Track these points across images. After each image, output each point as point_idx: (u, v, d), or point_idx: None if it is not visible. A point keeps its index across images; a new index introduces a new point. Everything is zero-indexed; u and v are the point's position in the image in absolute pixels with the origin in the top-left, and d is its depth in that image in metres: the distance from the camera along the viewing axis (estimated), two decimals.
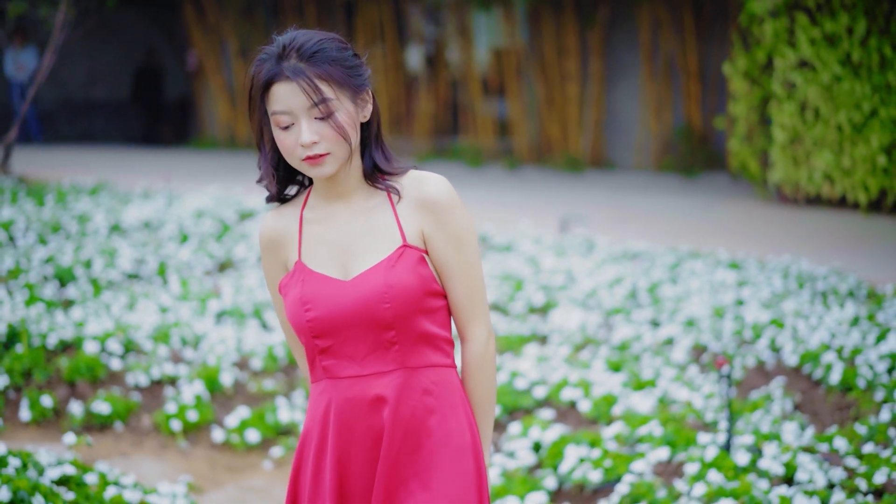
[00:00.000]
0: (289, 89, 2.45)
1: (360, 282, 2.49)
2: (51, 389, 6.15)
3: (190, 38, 20.91)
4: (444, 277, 2.54)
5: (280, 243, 2.61)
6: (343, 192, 2.57)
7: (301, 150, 2.46)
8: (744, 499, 4.07)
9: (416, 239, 2.52)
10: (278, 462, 5.57)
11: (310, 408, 2.59)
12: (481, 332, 2.58)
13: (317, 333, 2.50)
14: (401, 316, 2.47)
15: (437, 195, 2.52)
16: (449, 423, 2.52)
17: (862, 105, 11.27)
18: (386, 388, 2.49)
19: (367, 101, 2.54)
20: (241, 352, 6.60)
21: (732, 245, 9.62)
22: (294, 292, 2.53)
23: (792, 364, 6.07)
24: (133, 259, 8.69)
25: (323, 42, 2.47)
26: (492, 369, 2.60)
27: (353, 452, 2.51)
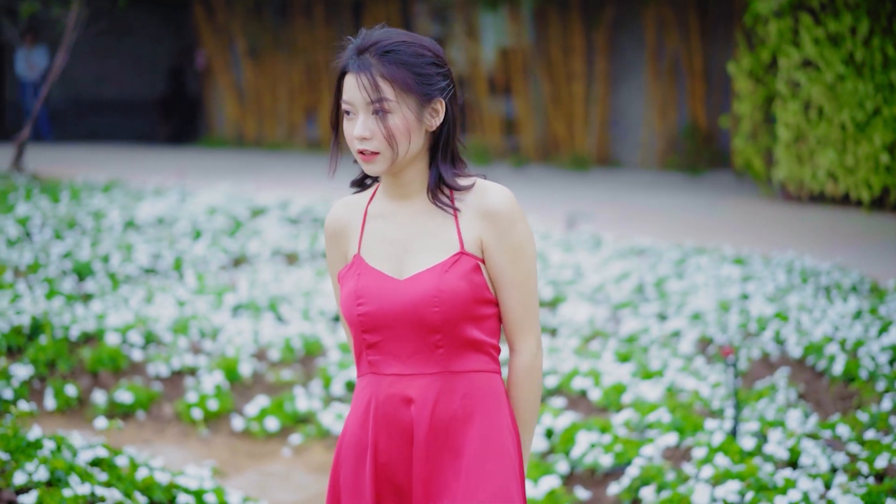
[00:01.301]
0: (354, 82, 2.48)
1: (412, 283, 2.52)
2: (74, 379, 6.32)
3: (199, 38, 21.08)
4: (499, 287, 2.56)
5: (343, 234, 2.65)
6: (407, 193, 2.59)
7: (355, 142, 2.51)
8: (750, 481, 4.23)
9: (473, 247, 2.54)
10: (297, 449, 5.74)
11: (354, 400, 2.63)
12: (531, 343, 2.59)
13: (366, 328, 2.54)
14: (448, 320, 2.50)
15: (499, 206, 2.53)
16: (490, 426, 2.53)
17: (865, 104, 11.42)
18: (425, 390, 2.52)
19: (438, 112, 2.53)
20: (259, 343, 6.76)
21: (737, 241, 9.78)
22: (349, 285, 2.57)
23: (796, 356, 6.22)
24: (149, 254, 8.86)
25: (401, 44, 2.49)
26: (538, 381, 2.61)
27: (393, 449, 2.54)
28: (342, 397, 6.17)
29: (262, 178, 14.60)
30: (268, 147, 20.18)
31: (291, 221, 10.67)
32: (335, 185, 13.97)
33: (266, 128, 20.52)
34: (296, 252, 9.27)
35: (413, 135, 2.50)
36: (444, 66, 2.54)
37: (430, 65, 2.51)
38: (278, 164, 17.30)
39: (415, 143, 2.51)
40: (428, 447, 2.51)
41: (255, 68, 20.46)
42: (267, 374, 6.46)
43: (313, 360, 6.62)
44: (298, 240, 9.58)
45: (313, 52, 19.88)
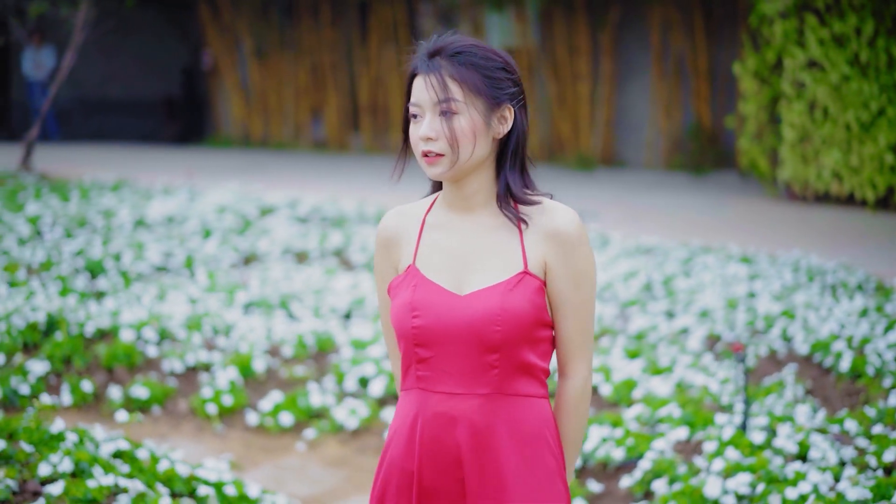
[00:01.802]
0: (422, 83, 2.46)
1: (474, 299, 2.45)
2: (90, 375, 6.40)
3: (205, 38, 21.17)
4: (557, 310, 2.50)
5: (396, 243, 2.58)
6: (470, 205, 2.53)
7: (420, 144, 2.47)
8: (760, 473, 4.30)
9: (537, 268, 2.48)
10: (311, 444, 5.82)
11: (397, 415, 2.56)
12: (583, 369, 2.54)
13: (420, 342, 2.47)
14: (508, 341, 2.43)
15: (566, 228, 2.47)
16: (537, 451, 2.48)
17: (870, 104, 11.49)
18: (474, 411, 2.45)
19: (507, 119, 2.48)
20: (272, 340, 6.84)
21: (743, 241, 9.85)
22: (404, 296, 2.50)
23: (803, 353, 6.30)
24: (161, 252, 8.94)
25: (472, 47, 2.46)
26: (587, 407, 2.56)
27: (438, 473, 2.48)
28: (355, 393, 6.25)
29: (269, 178, 14.68)
30: (274, 147, 20.27)
31: (300, 220, 10.74)
32: (344, 186, 14.06)
33: (272, 128, 20.60)
34: (306, 251, 9.34)
35: (479, 139, 2.45)
36: (514, 73, 2.49)
37: (500, 69, 2.47)
38: (285, 164, 17.38)
39: (480, 149, 2.46)
40: (476, 470, 2.46)
41: (262, 68, 20.54)
42: (280, 370, 6.54)
43: (326, 357, 6.70)
44: (308, 238, 9.66)
45: (319, 53, 19.96)
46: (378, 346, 6.62)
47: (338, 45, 19.85)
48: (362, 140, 19.70)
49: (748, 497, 4.25)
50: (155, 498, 4.05)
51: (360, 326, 7.09)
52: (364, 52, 19.49)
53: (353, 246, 9.40)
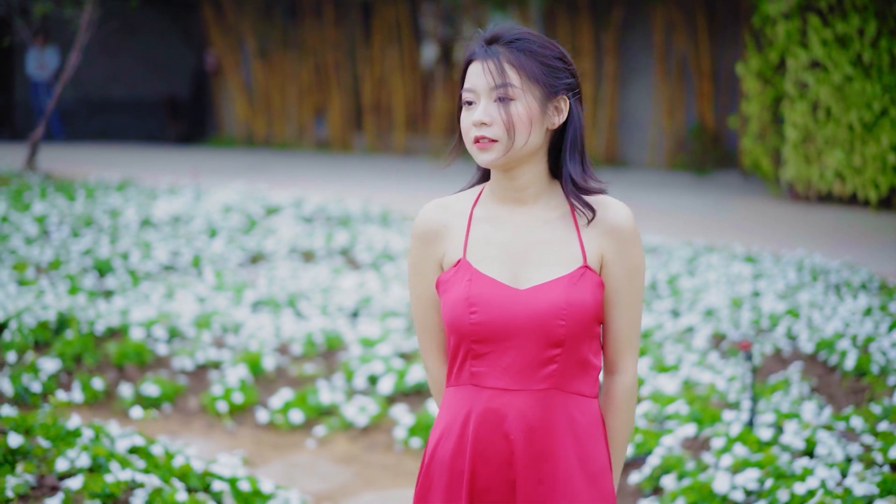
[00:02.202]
0: (478, 68, 2.42)
1: (537, 293, 2.42)
2: (101, 373, 6.45)
3: (208, 38, 21.22)
4: (610, 306, 2.48)
5: (438, 236, 2.52)
6: (523, 198, 2.49)
7: (473, 129, 2.42)
8: (768, 469, 4.36)
9: (594, 262, 2.46)
10: (321, 441, 5.87)
11: (445, 411, 2.50)
12: (633, 365, 2.51)
13: (478, 338, 2.42)
14: (571, 336, 2.41)
15: (623, 223, 2.46)
16: (589, 451, 2.45)
17: (872, 105, 11.55)
18: (528, 407, 2.42)
19: (562, 111, 2.46)
20: (280, 338, 6.89)
21: (747, 240, 9.91)
22: (458, 291, 2.44)
23: (808, 351, 6.35)
24: (168, 251, 9.00)
25: (529, 35, 2.44)
26: (635, 404, 2.54)
27: (489, 467, 2.44)
28: (364, 390, 6.30)
29: (273, 178, 14.73)
30: (277, 146, 20.32)
31: (305, 220, 10.80)
32: (347, 186, 14.11)
33: (275, 127, 20.65)
34: (312, 250, 9.40)
35: (534, 127, 2.42)
36: (570, 64, 2.48)
37: (557, 59, 2.45)
38: (288, 164, 17.44)
39: (534, 137, 2.43)
40: (527, 472, 2.43)
41: (265, 68, 20.59)
42: (290, 367, 6.59)
43: (335, 355, 6.75)
44: (314, 238, 9.71)
45: (323, 52, 20.01)
46: (386, 345, 6.68)
47: (341, 44, 19.91)
48: (365, 140, 19.75)
49: (756, 492, 4.31)
50: (171, 493, 4.10)
51: (368, 325, 7.14)
52: (367, 51, 19.55)
53: (359, 245, 9.46)
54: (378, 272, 8.72)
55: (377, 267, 8.95)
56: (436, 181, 15.40)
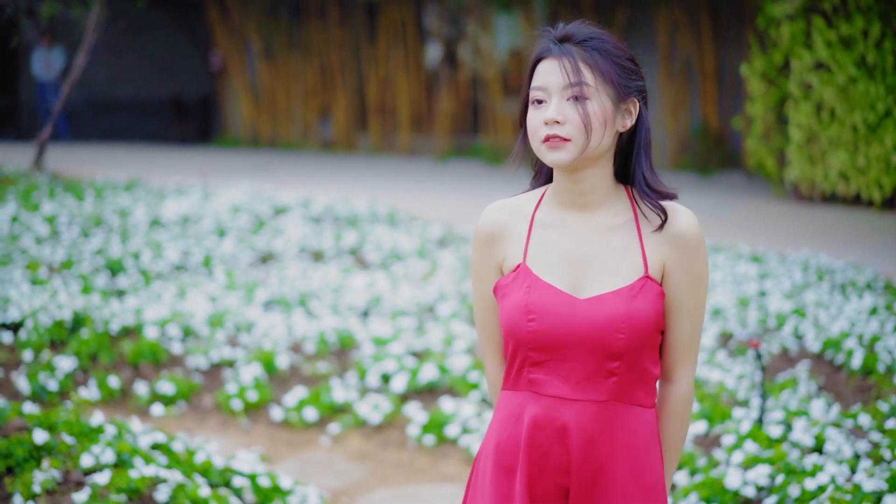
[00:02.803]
0: (551, 66, 2.38)
1: (596, 303, 2.37)
2: (116, 371, 6.54)
3: (214, 39, 21.31)
4: (670, 314, 2.42)
5: (499, 239, 2.49)
6: (586, 203, 2.44)
7: (543, 128, 2.36)
8: (779, 465, 4.44)
9: (656, 271, 2.41)
10: (336, 438, 5.95)
11: (500, 417, 2.48)
12: (690, 374, 2.47)
13: (535, 345, 2.39)
14: (631, 348, 2.36)
15: (688, 231, 2.41)
16: (645, 464, 2.42)
17: (876, 105, 11.63)
18: (587, 418, 2.38)
19: (632, 113, 2.41)
20: (293, 337, 6.97)
21: (752, 240, 9.98)
22: (516, 297, 2.41)
23: (815, 350, 6.42)
24: (179, 251, 9.08)
25: (602, 35, 2.40)
26: (690, 413, 2.51)
27: (546, 477, 2.41)
28: (377, 388, 6.38)
29: (279, 178, 14.81)
30: (282, 147, 20.41)
31: (313, 220, 10.87)
32: (353, 186, 14.19)
33: (280, 128, 20.74)
34: (321, 250, 9.48)
35: (607, 128, 2.37)
36: (639, 67, 2.43)
37: (629, 60, 2.41)
38: (294, 164, 17.52)
39: (606, 139, 2.38)
40: (582, 482, 2.40)
41: (270, 69, 20.68)
42: (303, 366, 6.67)
43: (347, 353, 6.83)
44: (322, 237, 9.79)
45: (327, 53, 20.09)
46: (398, 344, 6.75)
47: (346, 45, 19.99)
48: (370, 140, 19.83)
49: (768, 488, 4.39)
50: (194, 488, 4.18)
51: (380, 324, 7.22)
52: (372, 52, 19.63)
53: (367, 245, 9.53)
54: (387, 272, 8.80)
55: (386, 267, 9.03)
56: (444, 182, 15.48)
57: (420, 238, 9.88)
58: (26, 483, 4.01)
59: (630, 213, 2.45)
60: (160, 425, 5.90)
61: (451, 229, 10.34)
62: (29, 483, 4.01)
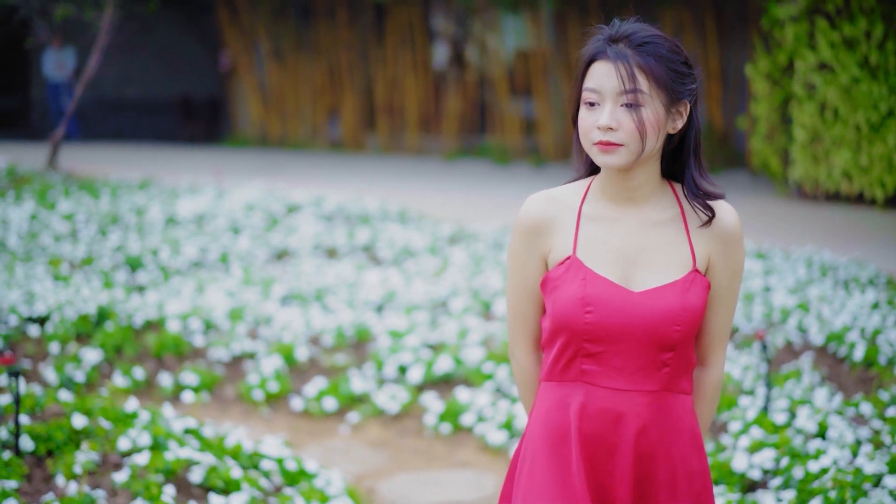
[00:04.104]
0: (606, 69, 2.39)
1: (652, 297, 2.44)
2: (140, 363, 6.75)
3: (223, 39, 21.52)
4: (711, 304, 2.51)
5: (546, 230, 2.51)
6: (635, 198, 2.49)
7: (596, 132, 2.40)
8: (783, 449, 4.64)
9: (703, 265, 2.49)
10: (355, 427, 6.15)
11: (546, 408, 2.52)
12: (722, 359, 2.58)
13: (591, 337, 2.43)
14: (684, 340, 2.44)
15: (731, 226, 2.49)
16: (694, 448, 2.51)
17: (879, 106, 11.82)
18: (642, 408, 2.45)
19: (682, 115, 2.45)
20: (311, 330, 7.18)
21: (757, 238, 10.17)
22: (571, 289, 2.44)
23: (818, 343, 6.62)
24: (197, 248, 9.29)
25: (658, 38, 2.42)
26: (719, 395, 2.64)
27: (598, 465, 2.47)
28: (394, 379, 6.58)
29: (289, 177, 15.01)
30: (291, 147, 20.62)
31: (326, 218, 11.08)
32: (362, 185, 14.39)
33: (289, 128, 20.95)
34: (335, 247, 9.69)
35: (660, 132, 2.42)
36: (694, 68, 2.46)
37: (684, 64, 2.44)
38: (303, 164, 17.73)
39: (658, 143, 2.43)
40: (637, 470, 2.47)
41: (279, 69, 20.89)
42: (322, 358, 6.87)
43: (364, 346, 7.04)
44: (335, 235, 10.00)
45: (336, 54, 20.31)
46: (413, 336, 6.96)
47: (354, 46, 20.20)
48: (378, 140, 20.04)
49: (773, 471, 4.59)
50: (226, 470, 4.38)
51: (394, 318, 7.42)
52: (380, 52, 19.83)
53: (380, 242, 9.74)
54: (400, 268, 9.00)
55: (399, 263, 9.23)
56: (452, 182, 15.69)
57: (431, 235, 10.09)
58: (68, 464, 4.22)
59: (676, 208, 2.51)
60: (186, 414, 6.10)
61: (461, 227, 10.55)
62: (70, 464, 4.22)
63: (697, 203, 2.46)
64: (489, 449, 5.76)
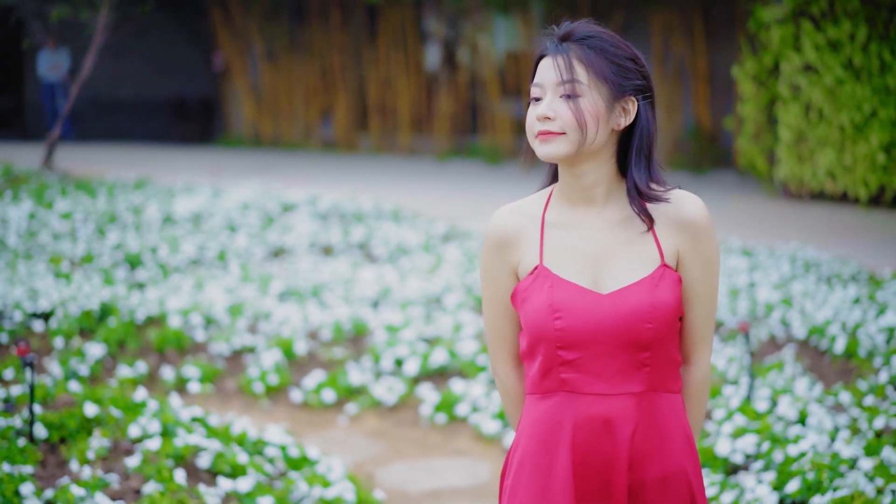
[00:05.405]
0: (548, 64, 2.41)
1: (621, 297, 2.40)
2: (143, 357, 6.94)
3: (217, 41, 21.70)
4: (686, 299, 2.46)
5: (512, 243, 2.49)
6: (592, 197, 2.47)
7: (537, 124, 2.40)
8: (765, 434, 4.85)
9: (671, 259, 2.45)
10: (353, 418, 6.36)
11: (531, 421, 2.49)
12: (707, 356, 2.53)
13: (564, 344, 2.41)
14: (659, 337, 2.40)
15: (697, 216, 2.45)
16: (680, 450, 2.48)
17: (863, 106, 12.05)
18: (629, 410, 2.42)
19: (629, 112, 2.44)
20: (309, 325, 7.38)
21: (743, 235, 10.40)
22: (539, 298, 2.42)
23: (800, 336, 6.84)
24: (195, 246, 9.48)
25: (601, 34, 2.43)
26: (708, 393, 2.58)
27: (592, 474, 2.44)
28: (391, 372, 6.78)
29: (282, 177, 15.21)
30: (284, 147, 20.81)
31: (321, 217, 11.28)
32: (355, 184, 14.58)
33: (282, 128, 21.14)
34: (331, 244, 9.89)
35: (601, 124, 2.40)
36: (642, 67, 2.46)
37: (629, 59, 2.44)
38: (296, 164, 17.93)
39: (600, 135, 2.41)
40: (631, 475, 2.44)
41: (272, 70, 21.08)
42: (320, 351, 7.07)
43: (361, 340, 7.24)
44: (331, 233, 10.20)
45: (329, 54, 20.50)
46: (409, 331, 7.16)
47: (347, 47, 20.40)
48: (371, 140, 20.24)
49: (754, 455, 4.80)
50: (232, 455, 4.58)
51: (390, 313, 7.62)
52: (373, 53, 20.03)
53: (375, 240, 9.95)
54: (395, 265, 9.21)
55: (393, 260, 9.44)
56: (444, 181, 15.89)
57: (425, 233, 10.30)
58: (81, 450, 4.42)
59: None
60: (190, 405, 6.30)
61: (454, 225, 10.75)
62: (84, 450, 4.42)
63: (635, 207, 2.44)
64: (483, 438, 5.96)
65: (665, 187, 2.47)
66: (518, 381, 2.60)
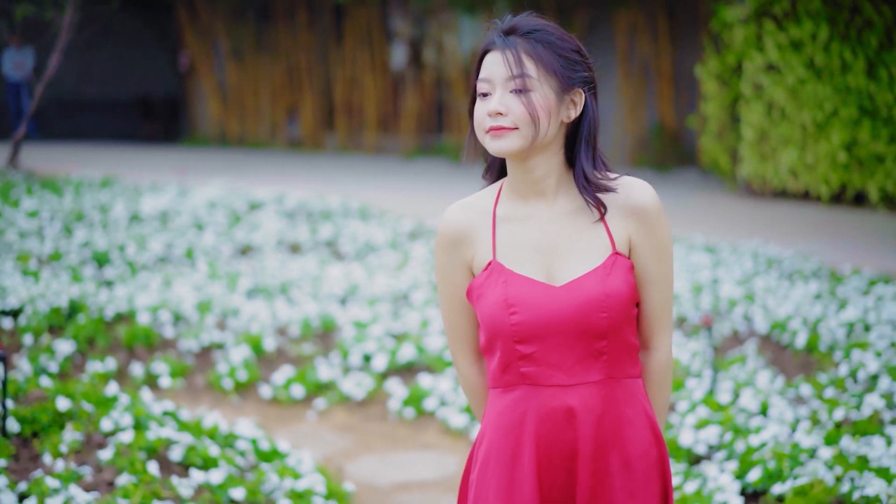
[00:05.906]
0: (495, 58, 2.40)
1: (574, 288, 2.41)
2: (112, 354, 6.96)
3: (182, 39, 21.66)
4: (642, 285, 2.47)
5: (465, 240, 2.50)
6: (542, 190, 2.47)
7: (488, 120, 2.39)
8: (728, 426, 4.96)
9: (623, 246, 2.45)
10: (322, 413, 6.41)
11: (495, 414, 2.49)
12: (668, 341, 2.53)
13: (521, 338, 2.42)
14: (614, 326, 2.41)
15: (646, 203, 2.47)
16: (644, 434, 2.48)
17: (824, 105, 12.24)
18: (590, 399, 2.43)
19: (577, 104, 2.44)
20: (278, 321, 7.43)
21: (706, 232, 10.54)
22: (494, 294, 2.43)
23: (763, 331, 6.97)
24: (162, 244, 9.50)
25: (547, 27, 2.42)
26: (671, 379, 2.58)
27: (556, 465, 2.45)
28: (359, 367, 6.85)
29: (249, 176, 15.23)
30: (250, 146, 20.81)
31: (288, 215, 11.32)
32: (321, 183, 14.63)
33: (248, 127, 21.14)
34: (298, 242, 9.94)
35: (552, 118, 2.41)
36: (587, 58, 2.46)
37: (574, 52, 2.44)
38: (262, 162, 17.94)
39: (551, 129, 2.42)
40: (595, 462, 2.45)
41: (238, 69, 21.07)
42: (289, 347, 7.12)
43: (330, 336, 7.30)
44: (298, 231, 10.24)
45: (295, 54, 20.52)
46: (377, 326, 7.23)
47: (313, 46, 20.42)
48: (337, 139, 20.27)
49: (717, 446, 4.91)
50: (204, 448, 4.63)
51: (358, 309, 7.69)
52: (339, 53, 20.07)
53: (342, 238, 10.01)
54: (362, 263, 9.27)
55: (361, 258, 9.50)
56: (410, 180, 15.96)
57: (392, 231, 10.36)
58: (54, 444, 4.45)
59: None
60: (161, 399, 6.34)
61: (421, 223, 10.83)
62: (56, 444, 4.45)
63: (586, 196, 2.45)
64: (451, 432, 6.04)
65: (613, 175, 2.49)
66: (479, 375, 2.62)
